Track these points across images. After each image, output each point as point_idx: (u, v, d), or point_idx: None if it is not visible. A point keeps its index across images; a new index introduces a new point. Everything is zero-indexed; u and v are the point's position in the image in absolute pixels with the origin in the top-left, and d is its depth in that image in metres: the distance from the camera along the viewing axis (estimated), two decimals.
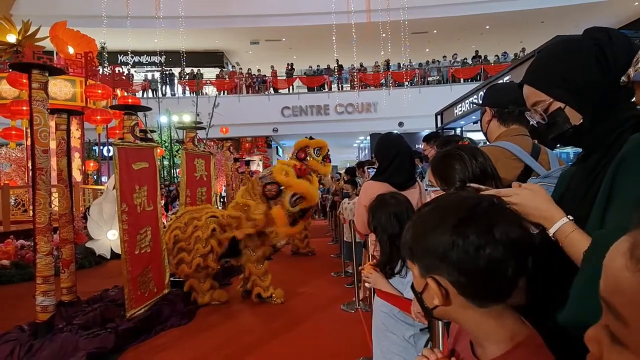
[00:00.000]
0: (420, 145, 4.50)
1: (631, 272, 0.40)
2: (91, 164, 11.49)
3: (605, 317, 0.46)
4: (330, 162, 5.11)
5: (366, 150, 22.46)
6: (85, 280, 5.34)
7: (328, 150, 5.04)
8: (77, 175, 9.56)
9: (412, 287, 0.79)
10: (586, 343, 0.48)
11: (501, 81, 6.13)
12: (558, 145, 2.24)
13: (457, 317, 0.74)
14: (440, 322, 1.28)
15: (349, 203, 5.33)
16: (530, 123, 1.05)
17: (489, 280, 0.67)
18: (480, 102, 1.81)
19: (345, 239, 5.73)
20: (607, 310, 0.45)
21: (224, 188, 12.22)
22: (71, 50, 9.32)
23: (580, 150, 1.04)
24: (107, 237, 7.56)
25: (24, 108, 7.91)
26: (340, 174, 10.92)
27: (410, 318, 1.80)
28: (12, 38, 9.26)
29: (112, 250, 7.48)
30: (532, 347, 0.69)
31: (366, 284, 2.01)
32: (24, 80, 7.25)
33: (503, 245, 0.66)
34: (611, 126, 0.91)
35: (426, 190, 1.41)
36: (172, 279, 4.62)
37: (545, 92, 0.98)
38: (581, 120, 0.95)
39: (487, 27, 19.66)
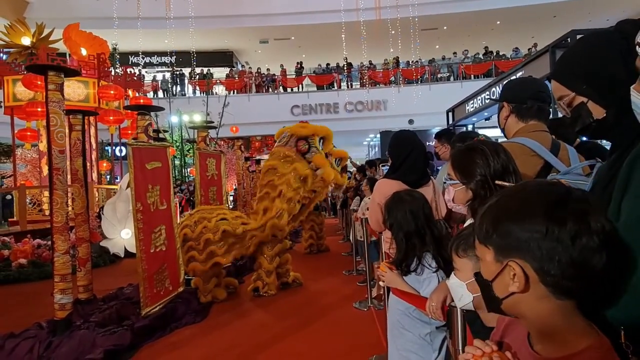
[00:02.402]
0: (431, 143, 4.45)
1: None
2: (104, 164, 11.63)
3: None
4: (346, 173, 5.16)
5: (376, 148, 22.39)
6: (100, 278, 5.40)
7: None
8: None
9: (478, 274, 0.77)
10: None
11: (514, 77, 6.06)
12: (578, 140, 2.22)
13: (527, 309, 0.71)
14: (459, 319, 1.27)
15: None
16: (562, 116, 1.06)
17: (579, 271, 0.65)
18: (497, 97, 1.80)
19: (358, 237, 5.72)
20: None
21: (234, 187, 12.29)
22: (84, 51, 9.45)
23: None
24: (121, 236, 7.65)
25: (39, 109, 8.05)
26: (351, 172, 10.91)
27: (427, 316, 1.80)
28: (26, 41, 9.42)
29: (125, 248, 7.57)
30: (602, 352, 0.67)
31: (380, 283, 2.01)
32: (39, 82, 7.38)
33: (598, 236, 0.65)
34: (635, 121, 0.90)
35: (445, 183, 1.40)
36: (186, 277, 4.67)
37: (568, 87, 0.98)
38: (604, 115, 0.94)
39: (498, 22, 19.44)
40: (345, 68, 19.75)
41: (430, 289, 1.73)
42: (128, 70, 11.02)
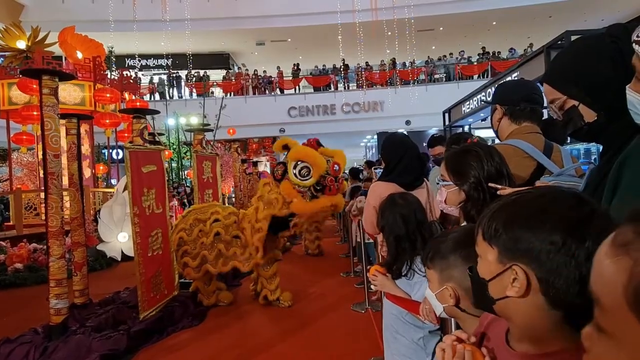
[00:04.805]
0: (425, 144, 4.41)
1: (610, 258, 0.43)
2: (101, 167, 11.59)
3: (595, 310, 0.48)
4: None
5: (373, 149, 22.42)
6: (97, 282, 5.38)
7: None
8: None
9: (474, 270, 0.76)
10: (582, 341, 0.50)
11: (509, 78, 6.08)
12: (568, 141, 2.23)
13: (517, 313, 0.70)
14: (453, 323, 1.27)
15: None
16: (554, 118, 1.06)
17: (584, 289, 0.62)
18: (490, 99, 1.80)
19: (356, 239, 5.72)
20: (594, 302, 0.48)
21: (232, 189, 12.27)
22: (79, 55, 9.42)
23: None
24: (118, 239, 7.63)
25: (35, 113, 8.02)
26: (346, 172, 10.88)
27: (419, 320, 1.79)
28: (22, 44, 9.39)
29: (122, 252, 7.54)
30: (578, 355, 0.66)
31: (372, 287, 2.01)
32: (34, 86, 7.35)
33: None
34: (626, 124, 0.91)
35: (438, 184, 1.40)
36: (180, 280, 4.64)
37: (559, 90, 0.99)
38: (595, 118, 0.95)
39: (494, 23, 19.51)
40: (342, 69, 19.77)
41: (421, 292, 1.73)
42: (124, 73, 11.00)
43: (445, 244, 1.05)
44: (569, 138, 1.24)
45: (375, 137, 20.02)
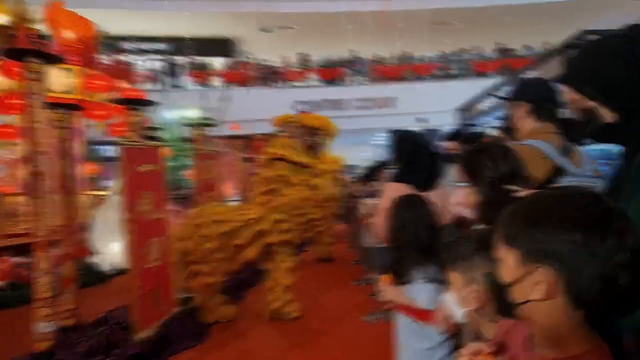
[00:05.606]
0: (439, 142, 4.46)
1: None
2: (91, 167, 11.29)
3: None
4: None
5: (385, 148, 22.31)
6: (89, 299, 4.93)
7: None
8: None
9: (494, 275, 0.80)
10: None
11: (527, 76, 6.11)
12: (587, 142, 2.26)
13: (541, 315, 0.74)
14: (467, 332, 1.31)
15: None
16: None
17: (605, 287, 0.67)
18: (512, 96, 1.83)
19: (364, 244, 5.71)
20: None
21: (234, 189, 12.27)
22: (69, 34, 8.54)
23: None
24: (111, 249, 7.32)
25: (16, 102, 7.20)
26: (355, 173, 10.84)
27: (427, 330, 1.82)
28: (4, 20, 8.13)
29: (116, 264, 7.23)
30: (599, 357, 0.71)
31: (381, 298, 2.07)
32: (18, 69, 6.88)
33: (631, 254, 0.67)
34: None
35: (451, 185, 1.45)
36: (182, 296, 4.45)
37: (576, 90, 1.04)
38: (614, 118, 0.99)
39: (510, 19, 19.47)
40: (352, 63, 19.71)
41: (423, 300, 1.77)
42: (118, 57, 10.17)
43: (468, 246, 1.10)
44: (587, 139, 1.29)
45: (387, 135, 19.92)
